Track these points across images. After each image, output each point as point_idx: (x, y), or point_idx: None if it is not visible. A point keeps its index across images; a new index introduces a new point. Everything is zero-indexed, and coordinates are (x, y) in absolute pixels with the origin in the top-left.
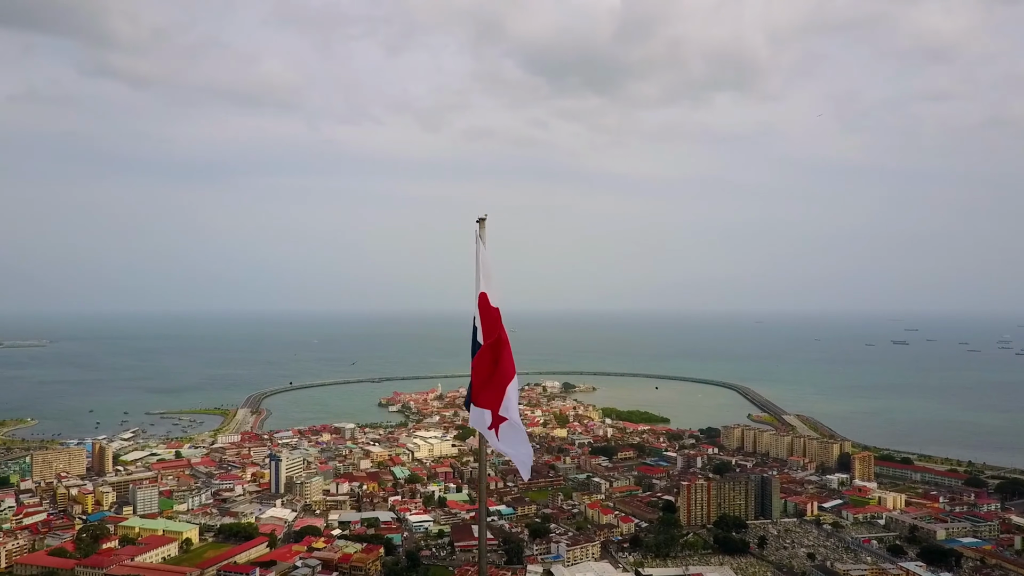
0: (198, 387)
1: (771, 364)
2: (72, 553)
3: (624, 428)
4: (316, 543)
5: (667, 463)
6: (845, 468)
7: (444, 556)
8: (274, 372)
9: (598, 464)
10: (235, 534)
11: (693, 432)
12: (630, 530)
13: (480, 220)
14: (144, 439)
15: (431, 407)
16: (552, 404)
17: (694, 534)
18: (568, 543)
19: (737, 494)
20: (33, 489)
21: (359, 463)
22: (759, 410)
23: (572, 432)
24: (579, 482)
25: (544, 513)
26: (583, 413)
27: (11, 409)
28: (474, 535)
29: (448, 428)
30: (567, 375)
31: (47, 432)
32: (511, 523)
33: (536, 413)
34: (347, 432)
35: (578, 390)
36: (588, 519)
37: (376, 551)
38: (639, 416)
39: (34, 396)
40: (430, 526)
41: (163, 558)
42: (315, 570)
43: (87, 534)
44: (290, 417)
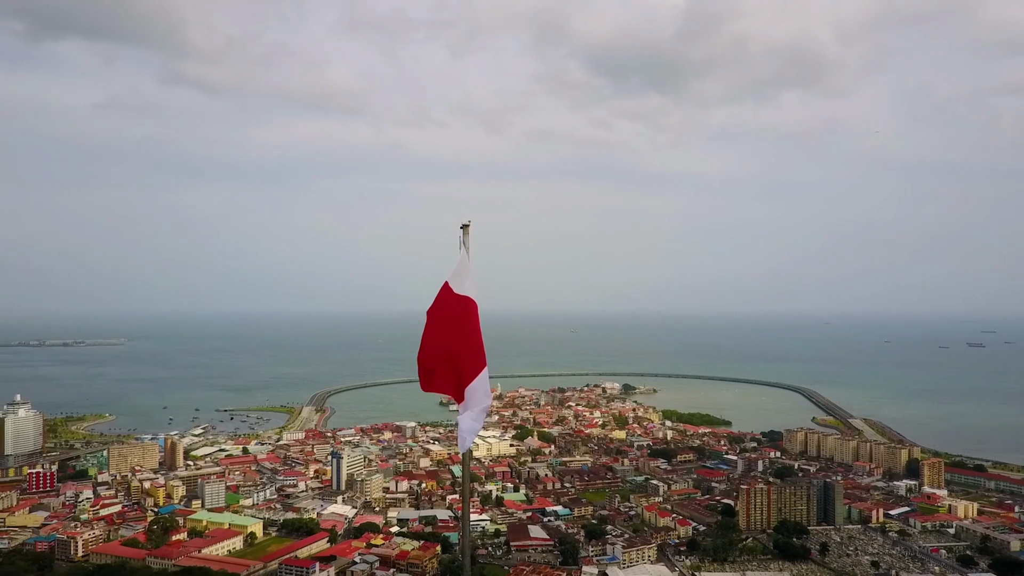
0: (266, 385)
1: (838, 367)
2: (144, 544)
3: (684, 430)
4: (375, 539)
5: (727, 466)
6: (914, 474)
7: (500, 555)
8: (339, 371)
9: (656, 466)
10: (297, 529)
11: (755, 435)
12: (687, 533)
13: (464, 226)
14: (214, 435)
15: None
16: (611, 406)
17: (753, 539)
18: (624, 545)
19: (798, 499)
20: (109, 482)
21: (419, 461)
22: (824, 413)
23: (631, 434)
24: (637, 484)
25: (601, 514)
26: (643, 415)
27: (91, 405)
28: (531, 535)
29: (507, 428)
30: (627, 376)
31: (123, 427)
32: (567, 524)
33: (595, 415)
34: (408, 430)
35: (638, 392)
36: (645, 521)
37: (433, 549)
38: (700, 418)
39: (112, 393)
40: (487, 525)
41: (228, 551)
42: (373, 566)
43: (158, 526)
44: (353, 415)
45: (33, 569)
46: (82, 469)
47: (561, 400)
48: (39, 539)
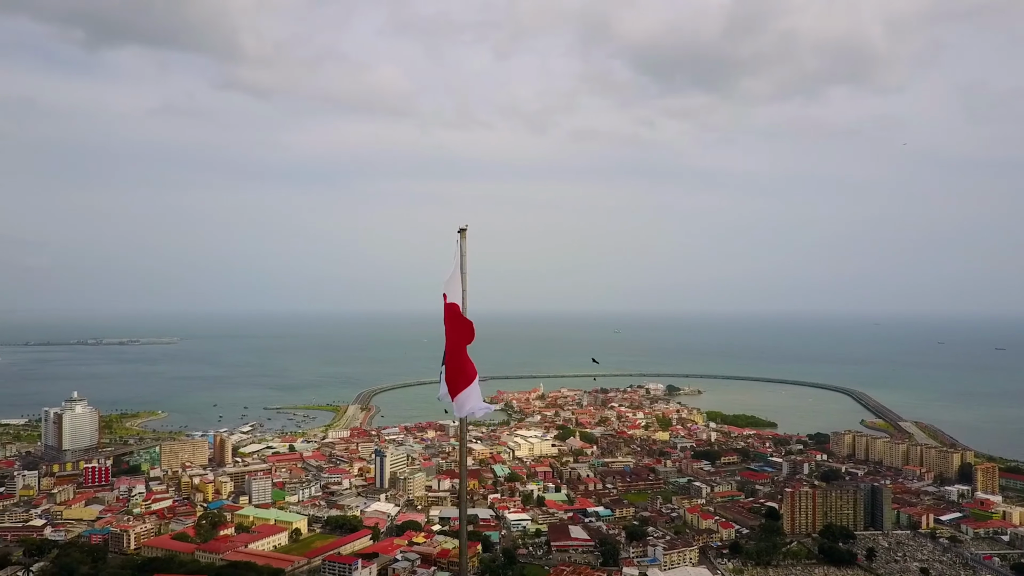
0: (313, 384)
1: (889, 368)
2: (193, 538)
3: (729, 432)
4: (416, 537)
5: (772, 469)
6: (966, 479)
7: (540, 555)
8: (385, 370)
9: (700, 468)
10: (341, 526)
11: (801, 437)
12: (730, 536)
13: (461, 231)
14: (261, 433)
15: (533, 406)
16: (655, 407)
17: (798, 543)
18: (665, 547)
19: (845, 503)
20: (161, 477)
21: None
22: (873, 416)
23: (674, 435)
24: (679, 486)
25: (642, 516)
26: (686, 416)
27: (145, 402)
28: (572, 535)
29: (549, 428)
30: (671, 377)
31: (175, 424)
32: (608, 524)
33: (638, 416)
34: (451, 429)
35: (683, 393)
36: (687, 523)
37: (474, 548)
38: (745, 420)
39: (165, 390)
40: (528, 525)
41: (274, 546)
42: (414, 564)
43: (207, 521)
44: (398, 414)
45: (88, 561)
46: (135, 464)
47: (604, 401)
48: (94, 532)
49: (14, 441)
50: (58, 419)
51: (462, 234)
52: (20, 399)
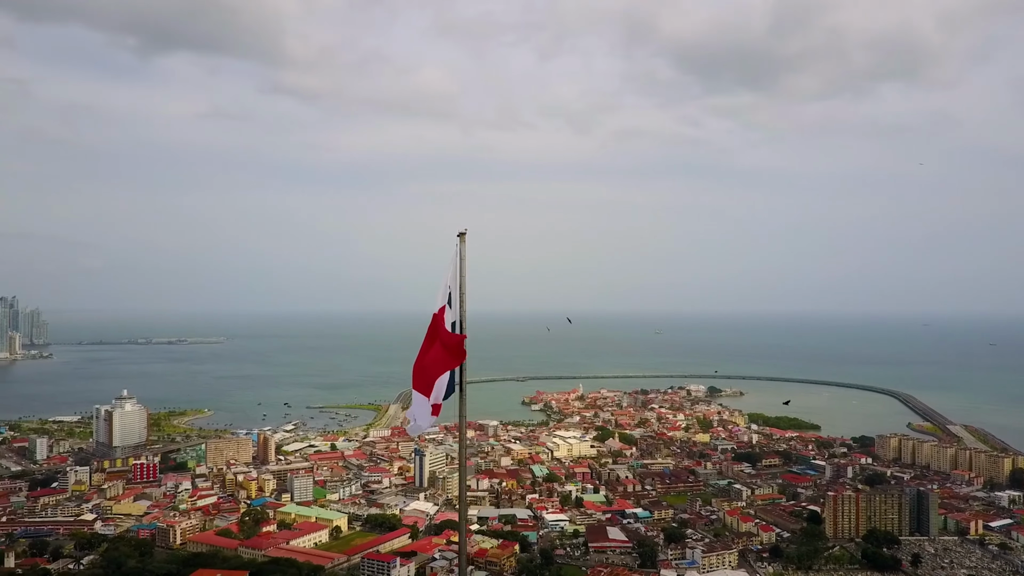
0: (356, 384)
1: (937, 370)
2: (236, 534)
3: (771, 434)
4: (454, 537)
5: (815, 472)
6: (1018, 485)
7: (578, 556)
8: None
9: (740, 470)
10: (380, 524)
11: (845, 440)
12: (771, 539)
13: (460, 235)
14: (304, 431)
15: (572, 407)
16: (696, 408)
17: (840, 547)
18: (704, 549)
19: (890, 507)
20: (206, 474)
21: (500, 460)
22: (921, 419)
23: (715, 437)
24: (719, 488)
25: (681, 518)
26: (728, 418)
27: (192, 401)
28: (610, 537)
29: (588, 429)
30: (713, 379)
31: (220, 422)
32: (647, 526)
33: (678, 417)
34: (490, 429)
35: (724, 394)
36: (727, 526)
37: (511, 547)
38: (787, 422)
39: (211, 389)
40: (566, 525)
41: (315, 543)
42: (452, 563)
43: (249, 517)
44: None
45: (135, 555)
46: (182, 461)
47: (644, 402)
48: (141, 527)
49: (67, 437)
50: (109, 416)
51: (461, 238)
52: (73, 397)
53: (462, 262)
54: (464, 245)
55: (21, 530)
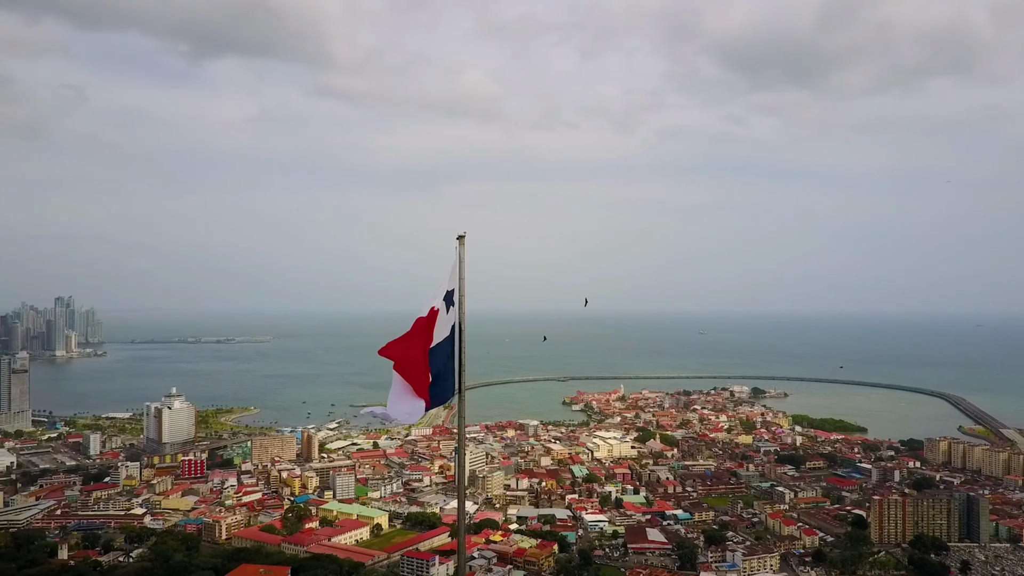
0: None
1: (991, 372)
2: (279, 530)
3: (815, 436)
4: (493, 536)
5: (860, 475)
6: None
7: (617, 557)
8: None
9: (783, 473)
10: (420, 522)
11: (892, 443)
12: (813, 543)
13: (460, 237)
14: (347, 430)
15: (613, 408)
16: (739, 410)
17: (886, 553)
18: (745, 552)
19: (938, 512)
20: (252, 471)
21: (540, 460)
22: (972, 422)
23: (758, 439)
24: (761, 490)
25: (722, 520)
26: (771, 420)
27: (239, 399)
28: (649, 538)
29: (628, 430)
30: (757, 380)
31: (266, 420)
32: (687, 528)
33: (721, 418)
34: (530, 429)
35: (768, 396)
36: (768, 529)
37: (550, 547)
38: (832, 424)
39: (258, 387)
40: (605, 526)
41: (356, 540)
42: (491, 562)
43: (293, 514)
44: (479, 412)
45: (182, 549)
46: (228, 458)
47: (686, 403)
48: (188, 521)
49: (120, 434)
50: (158, 414)
51: (460, 241)
52: (125, 394)
53: (461, 265)
54: (463, 248)
55: (75, 523)
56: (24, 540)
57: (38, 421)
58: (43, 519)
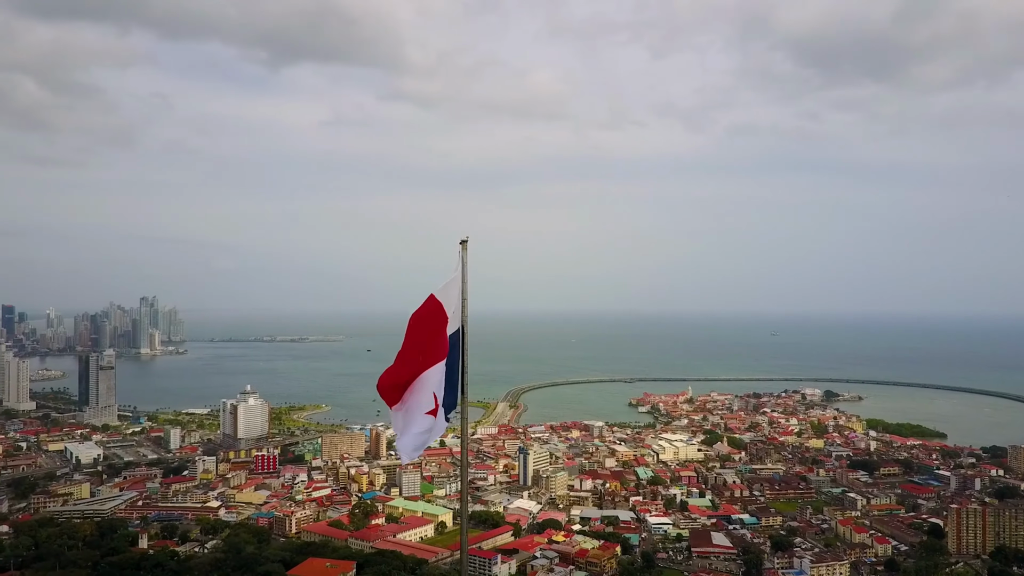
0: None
1: None
2: (347, 525)
3: (890, 442)
4: (556, 536)
5: (938, 483)
6: None
7: (681, 561)
8: (536, 368)
9: (856, 479)
10: (483, 521)
11: (973, 450)
12: (886, 552)
13: (463, 242)
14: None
15: (680, 410)
16: (811, 413)
17: (964, 564)
18: (813, 559)
19: (1021, 523)
20: (321, 467)
21: (604, 461)
22: None
23: (829, 443)
24: (832, 496)
25: (790, 526)
26: (844, 423)
27: (311, 396)
28: (714, 542)
29: (696, 432)
30: (830, 383)
31: (337, 417)
32: (753, 533)
33: (791, 422)
34: (595, 430)
35: (842, 399)
36: (838, 536)
37: (613, 549)
38: (909, 429)
39: (329, 386)
40: (669, 529)
41: (420, 537)
42: (552, 562)
43: (360, 510)
44: (545, 412)
45: (253, 542)
46: (299, 454)
47: (756, 406)
48: (260, 515)
49: (198, 429)
50: (234, 410)
51: (463, 246)
52: (204, 391)
53: (464, 269)
54: (466, 252)
55: (154, 514)
56: (108, 529)
57: (123, 416)
58: (126, 509)
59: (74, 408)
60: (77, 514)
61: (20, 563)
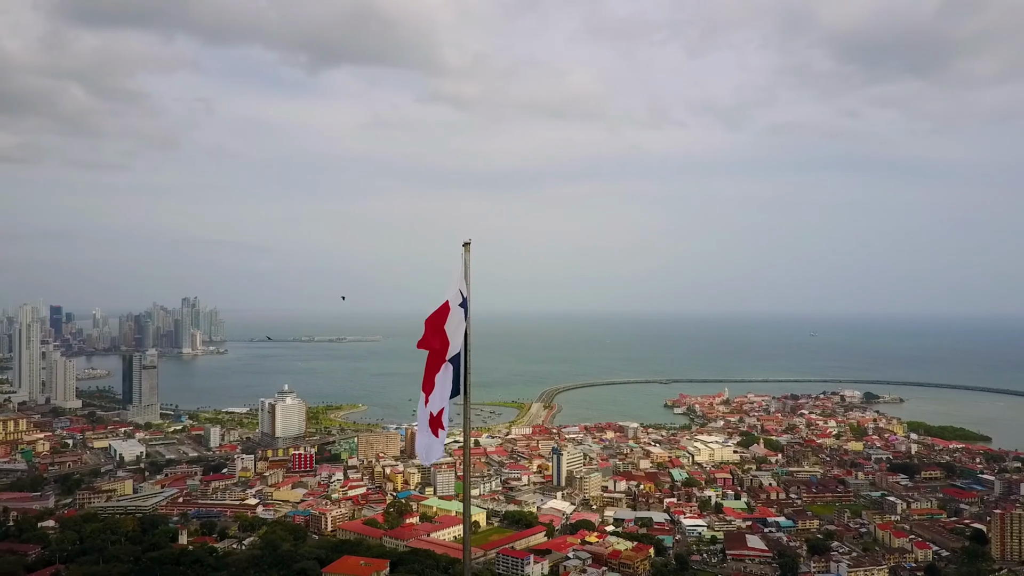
0: (503, 382)
1: None
2: (381, 524)
3: (932, 445)
4: (589, 537)
5: (982, 487)
6: None
7: (715, 563)
8: (571, 369)
9: (895, 482)
10: (517, 521)
11: (1019, 454)
12: (926, 557)
13: (465, 244)
14: (449, 427)
15: (716, 411)
16: (850, 415)
17: (1009, 571)
18: (850, 564)
19: None
20: (357, 466)
21: (638, 462)
22: None
23: (869, 446)
24: (871, 500)
25: (827, 529)
26: (884, 426)
27: (348, 396)
28: (749, 544)
29: (732, 434)
30: (870, 384)
31: (373, 417)
32: (789, 536)
33: (829, 424)
34: (630, 431)
35: (882, 401)
36: (877, 540)
37: (646, 550)
38: (952, 432)
39: (366, 385)
40: (703, 531)
41: (454, 536)
42: (585, 563)
43: (394, 509)
44: (579, 413)
45: (290, 539)
46: (336, 453)
47: (793, 407)
48: (297, 512)
49: (237, 427)
50: (272, 409)
51: (466, 248)
52: (244, 390)
53: (467, 271)
54: (469, 255)
55: (194, 511)
56: (149, 525)
57: (165, 414)
58: (167, 506)
59: (118, 406)
60: (120, 510)
61: (65, 557)
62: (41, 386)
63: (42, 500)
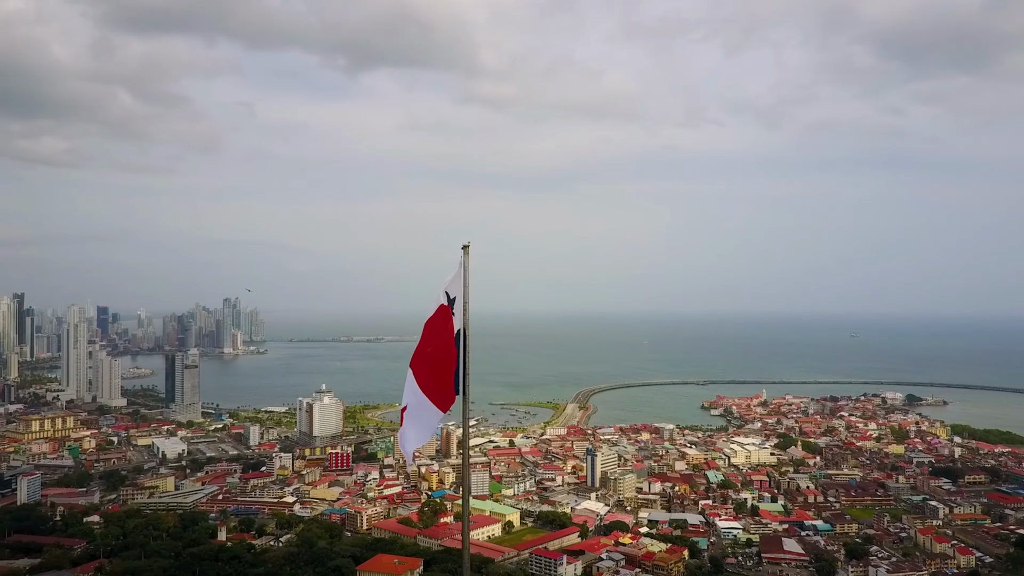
0: (538, 382)
1: None
2: (416, 523)
3: (976, 448)
4: (623, 538)
5: None
6: None
7: (750, 566)
8: (606, 370)
9: (938, 486)
10: (551, 522)
11: None
12: (969, 563)
13: (464, 247)
14: (484, 427)
15: (753, 413)
16: (891, 417)
17: None
18: (890, 569)
19: None
20: (393, 465)
21: (674, 464)
22: None
23: (910, 449)
24: (912, 504)
25: (866, 533)
26: (927, 429)
27: (385, 395)
28: (785, 548)
29: (769, 436)
30: (913, 386)
31: None
32: (827, 540)
33: (869, 426)
34: (665, 432)
35: (925, 403)
36: (917, 545)
37: (680, 552)
38: (998, 436)
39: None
40: (739, 534)
41: (488, 536)
42: (619, 564)
43: (429, 508)
44: (614, 414)
45: (326, 537)
46: (372, 452)
47: (832, 409)
48: (333, 511)
49: (276, 426)
50: (309, 409)
51: (465, 251)
52: (283, 389)
53: (466, 274)
54: (468, 257)
55: (233, 508)
56: (190, 521)
57: (206, 413)
58: (207, 503)
59: (161, 405)
60: (162, 506)
61: (109, 551)
62: (88, 385)
63: (88, 496)
